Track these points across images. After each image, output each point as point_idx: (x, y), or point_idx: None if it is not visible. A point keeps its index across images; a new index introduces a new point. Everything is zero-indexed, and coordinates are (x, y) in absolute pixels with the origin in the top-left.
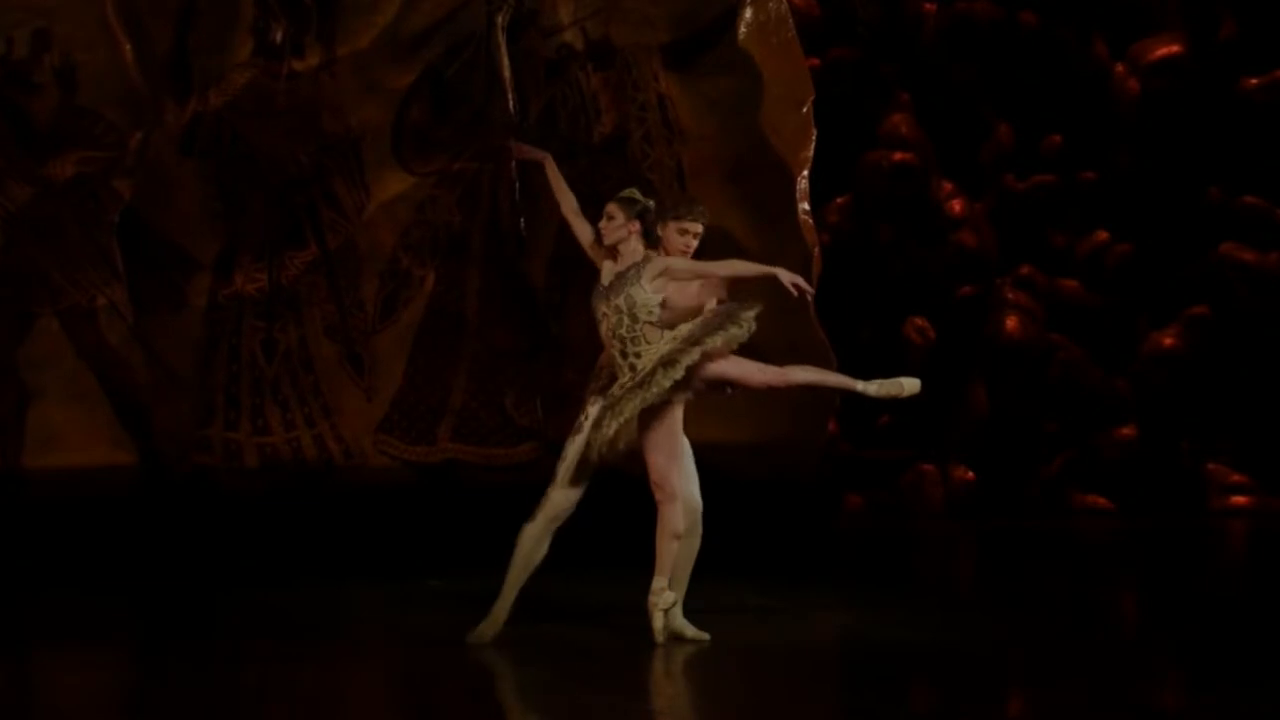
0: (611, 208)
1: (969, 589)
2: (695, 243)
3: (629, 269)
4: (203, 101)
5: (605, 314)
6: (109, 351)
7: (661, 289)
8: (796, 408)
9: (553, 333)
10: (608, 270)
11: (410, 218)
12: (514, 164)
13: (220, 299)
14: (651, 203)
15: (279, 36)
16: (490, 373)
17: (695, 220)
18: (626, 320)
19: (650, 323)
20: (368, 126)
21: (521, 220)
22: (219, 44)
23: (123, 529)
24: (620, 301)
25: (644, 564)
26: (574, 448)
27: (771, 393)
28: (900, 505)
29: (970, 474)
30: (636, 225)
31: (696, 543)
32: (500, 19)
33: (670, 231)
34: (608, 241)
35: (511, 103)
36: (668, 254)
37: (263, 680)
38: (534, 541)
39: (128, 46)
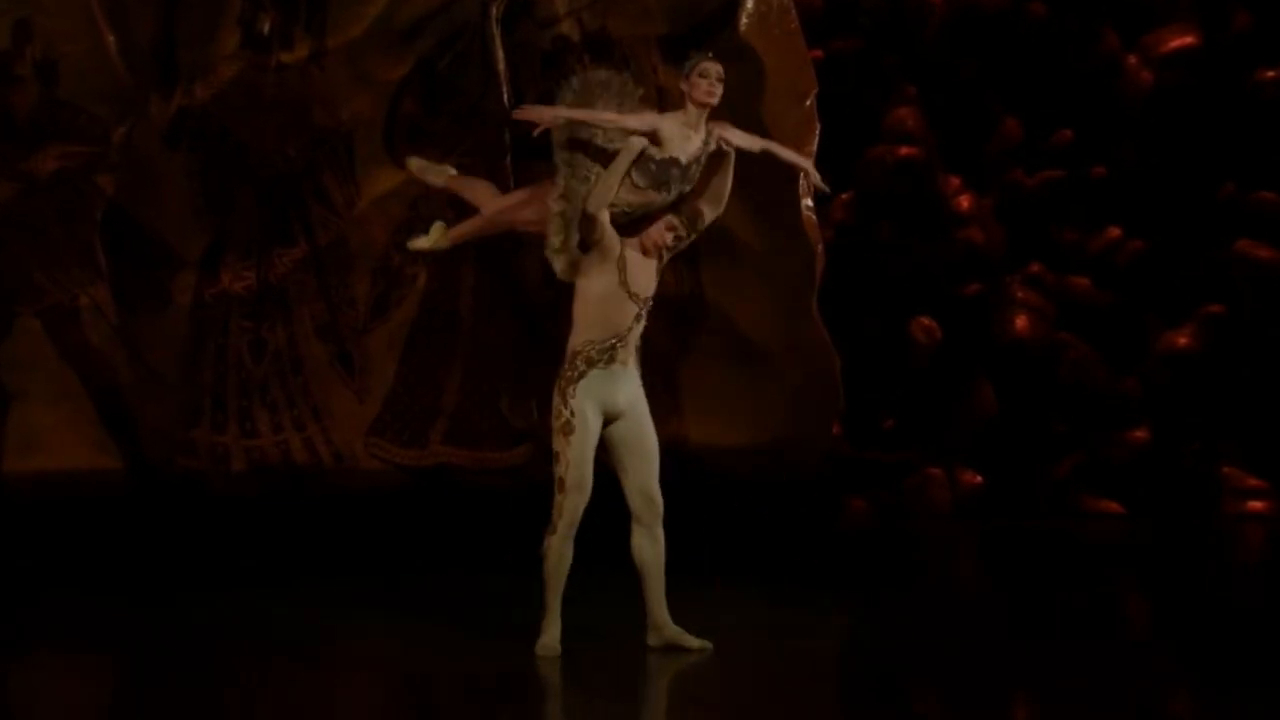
0: (719, 68)
1: (974, 592)
2: (720, 86)
3: (703, 149)
4: (188, 95)
5: (666, 192)
6: (92, 352)
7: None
8: (798, 409)
9: (549, 332)
10: (678, 140)
11: (403, 214)
12: (508, 160)
13: (206, 298)
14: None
15: (266, 28)
16: (484, 373)
17: (712, 61)
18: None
19: None
20: (359, 120)
21: None
22: (205, 36)
23: (109, 533)
24: (688, 187)
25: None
26: (571, 447)
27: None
28: (906, 508)
29: (978, 477)
30: None
31: None
32: (495, 10)
33: (695, 82)
34: (712, 102)
35: (506, 96)
36: (696, 104)
37: (254, 685)
38: (559, 553)
39: (111, 38)
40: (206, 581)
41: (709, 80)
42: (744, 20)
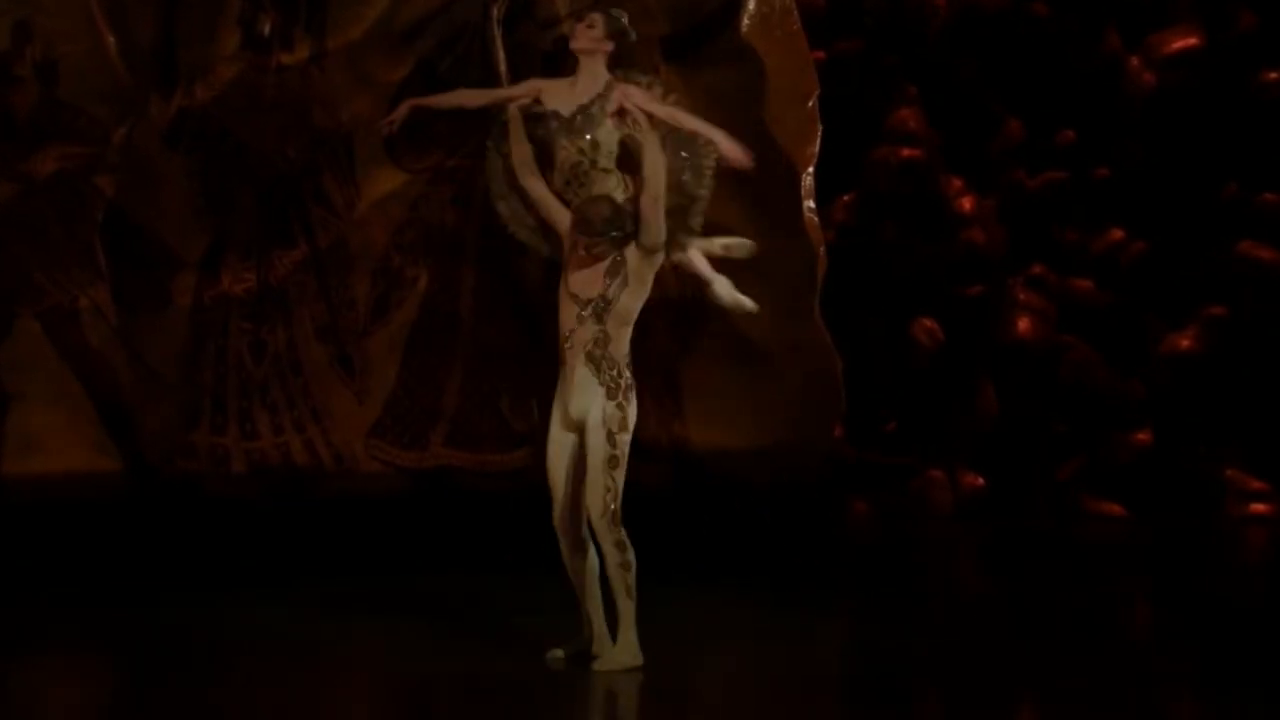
0: (595, 17)
1: (975, 594)
2: (592, 30)
3: (592, 102)
4: (189, 95)
5: (564, 147)
6: (92, 353)
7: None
8: (800, 411)
9: (550, 332)
10: (562, 95)
11: (403, 216)
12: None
13: (206, 299)
14: (634, 34)
15: (267, 29)
16: (485, 375)
17: (592, 10)
18: (586, 162)
19: (606, 168)
20: (360, 121)
21: None
22: (205, 36)
23: (108, 534)
24: (584, 143)
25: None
26: (552, 452)
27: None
28: (908, 510)
29: (979, 479)
30: (610, 46)
31: None
32: (496, 11)
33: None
34: (578, 46)
35: None
36: (575, 52)
37: (254, 685)
38: (566, 561)
39: (111, 39)
40: (206, 583)
41: (580, 25)
42: (745, 21)
